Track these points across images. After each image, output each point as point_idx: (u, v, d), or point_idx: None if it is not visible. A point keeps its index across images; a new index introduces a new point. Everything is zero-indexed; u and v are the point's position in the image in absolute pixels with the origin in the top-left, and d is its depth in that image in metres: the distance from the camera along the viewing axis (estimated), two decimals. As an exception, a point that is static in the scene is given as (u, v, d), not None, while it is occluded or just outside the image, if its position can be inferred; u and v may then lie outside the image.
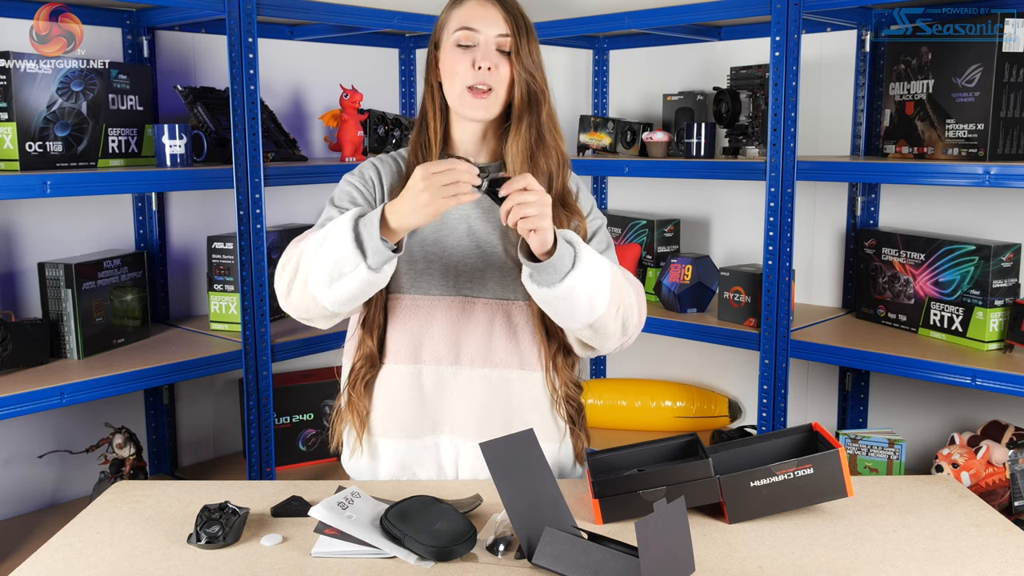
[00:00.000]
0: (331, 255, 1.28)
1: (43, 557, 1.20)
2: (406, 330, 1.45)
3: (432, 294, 1.45)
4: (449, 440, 1.46)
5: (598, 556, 1.13)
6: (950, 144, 2.09)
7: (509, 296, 1.46)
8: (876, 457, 2.24)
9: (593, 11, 2.67)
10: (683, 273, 2.56)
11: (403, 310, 1.45)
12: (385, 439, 1.47)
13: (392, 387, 1.46)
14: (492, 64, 1.41)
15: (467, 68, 1.41)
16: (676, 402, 2.81)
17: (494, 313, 1.45)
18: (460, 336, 1.45)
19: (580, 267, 1.28)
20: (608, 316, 1.35)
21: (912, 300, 2.28)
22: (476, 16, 1.42)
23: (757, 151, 2.50)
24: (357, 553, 1.19)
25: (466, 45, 1.42)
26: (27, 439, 2.27)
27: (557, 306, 1.32)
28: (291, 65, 2.72)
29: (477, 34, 1.42)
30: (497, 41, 1.42)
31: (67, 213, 2.31)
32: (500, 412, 1.45)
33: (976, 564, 1.17)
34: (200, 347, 2.26)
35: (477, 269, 1.46)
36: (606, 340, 1.39)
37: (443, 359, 1.45)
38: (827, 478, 1.28)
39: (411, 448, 1.46)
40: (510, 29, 1.42)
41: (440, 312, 1.45)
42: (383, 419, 1.47)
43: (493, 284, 1.45)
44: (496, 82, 1.42)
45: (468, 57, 1.42)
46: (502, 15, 1.42)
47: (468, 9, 1.43)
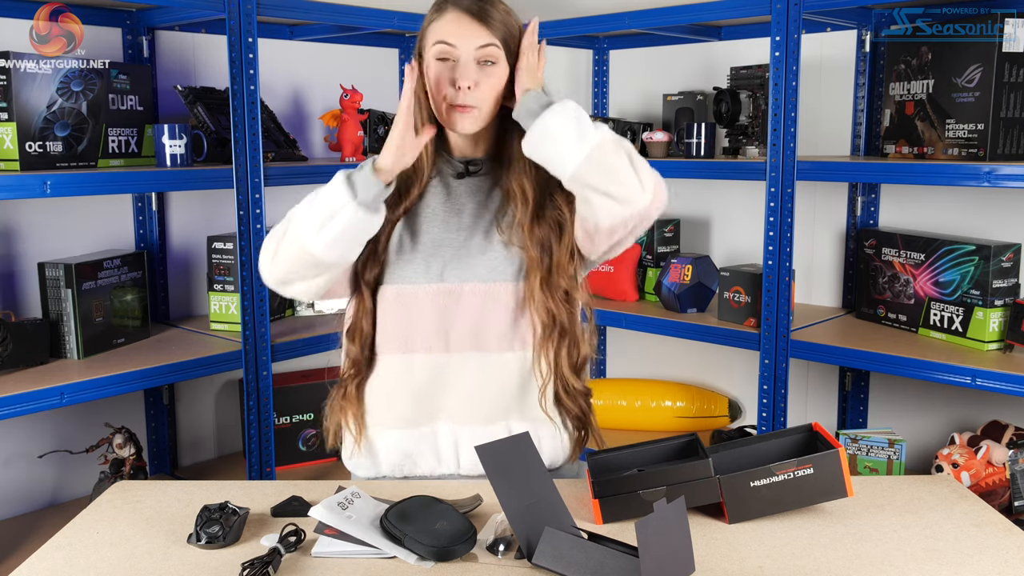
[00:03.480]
0: (322, 203, 1.33)
1: (43, 557, 1.20)
2: (395, 321, 1.44)
3: (418, 282, 1.43)
4: (447, 427, 1.45)
5: (598, 556, 1.13)
6: (950, 144, 2.08)
7: (496, 278, 1.43)
8: (876, 457, 2.24)
9: (593, 11, 2.67)
10: (683, 273, 2.56)
11: (390, 301, 1.44)
12: (383, 430, 1.47)
13: (385, 378, 1.46)
14: (472, 82, 1.36)
15: (447, 86, 1.38)
16: (676, 402, 2.81)
17: (482, 297, 1.43)
18: (449, 322, 1.43)
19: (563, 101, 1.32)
20: (607, 145, 1.28)
21: (912, 300, 2.28)
22: (453, 31, 1.37)
23: (757, 151, 2.50)
24: (357, 553, 1.19)
25: (445, 59, 1.38)
26: (27, 439, 2.28)
27: (545, 146, 1.30)
28: (291, 65, 2.72)
29: (455, 49, 1.37)
30: (478, 54, 1.37)
31: (67, 213, 2.31)
32: (495, 395, 1.45)
33: (976, 564, 1.17)
34: (200, 347, 2.26)
35: (462, 254, 1.44)
36: (620, 181, 1.29)
37: (434, 347, 1.44)
38: (827, 478, 1.28)
39: (409, 437, 1.46)
40: (494, 38, 1.37)
41: (427, 300, 1.43)
42: (379, 411, 1.47)
43: (479, 268, 1.43)
44: (479, 99, 1.38)
45: (448, 74, 1.38)
46: (482, 27, 1.37)
47: (446, 23, 1.38)
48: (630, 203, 1.31)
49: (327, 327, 2.43)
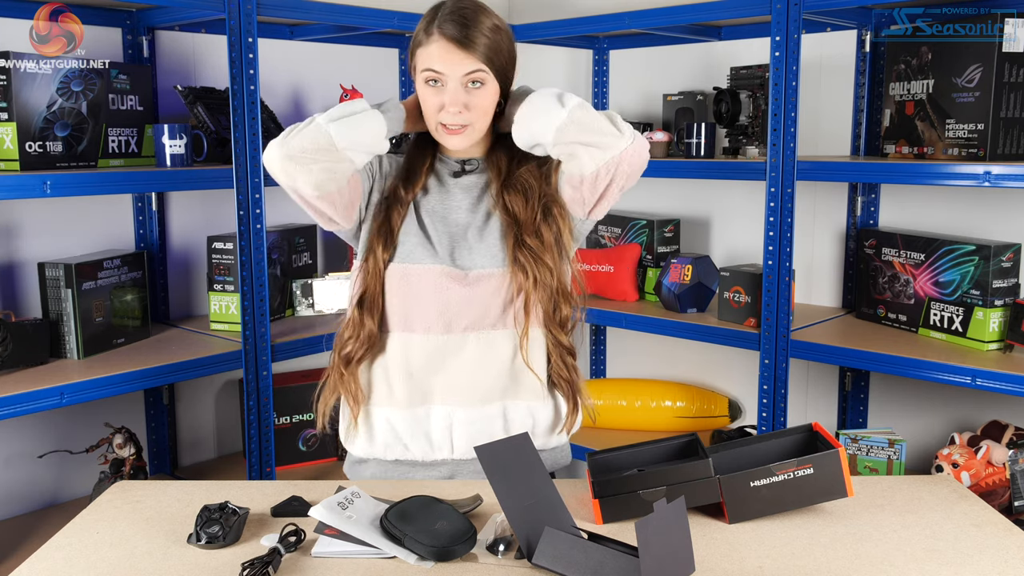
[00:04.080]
0: (345, 105, 1.41)
1: (43, 557, 1.20)
2: (398, 299, 1.46)
3: (424, 263, 1.46)
4: (442, 410, 1.47)
5: (598, 556, 1.13)
6: (950, 144, 2.08)
7: (496, 264, 1.46)
8: (876, 457, 2.24)
9: (593, 11, 2.67)
10: (683, 273, 2.56)
11: (393, 279, 1.47)
12: (377, 408, 1.49)
13: (384, 357, 1.48)
14: (461, 106, 1.40)
15: (438, 108, 1.42)
16: (676, 402, 2.81)
17: (484, 281, 1.46)
18: (451, 305, 1.45)
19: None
20: (585, 105, 1.42)
21: (912, 300, 2.28)
22: (439, 59, 1.40)
23: (757, 151, 2.50)
24: (357, 553, 1.19)
25: (435, 83, 1.42)
26: (27, 439, 2.27)
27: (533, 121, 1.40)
28: (291, 65, 2.72)
29: (443, 75, 1.40)
30: (465, 79, 1.40)
31: (67, 213, 2.31)
32: (492, 376, 1.46)
33: (976, 564, 1.17)
34: (200, 347, 2.26)
35: (464, 244, 1.48)
36: (600, 131, 1.41)
37: (433, 327, 1.45)
38: (827, 478, 1.28)
39: (403, 418, 1.48)
40: (480, 63, 1.40)
41: (431, 281, 1.45)
42: (375, 389, 1.49)
43: (480, 256, 1.47)
44: (470, 118, 1.42)
45: (438, 99, 1.42)
46: (468, 55, 1.39)
47: (433, 51, 1.40)
48: (610, 147, 1.41)
49: (327, 327, 2.43)
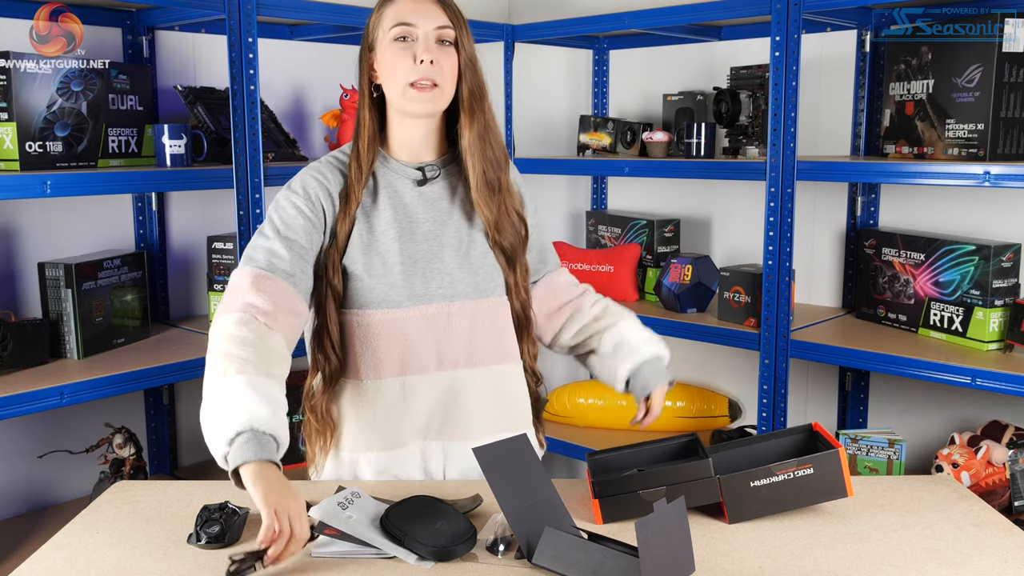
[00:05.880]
0: (214, 408, 1.25)
1: (43, 557, 1.20)
2: (386, 346, 1.41)
3: (404, 306, 1.41)
4: (437, 445, 1.45)
5: (598, 556, 1.13)
6: (950, 144, 2.08)
7: (484, 294, 1.45)
8: (876, 457, 2.24)
9: (593, 11, 2.67)
10: (683, 273, 2.56)
11: (378, 326, 1.41)
12: (367, 453, 1.45)
13: (379, 401, 1.43)
14: (434, 57, 1.38)
15: (409, 64, 1.38)
16: (676, 402, 2.80)
17: (473, 313, 1.44)
18: (441, 342, 1.43)
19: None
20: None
21: (912, 300, 2.28)
22: (412, 11, 1.40)
23: (757, 151, 2.50)
24: (357, 553, 1.19)
25: (404, 38, 1.39)
26: (27, 439, 2.27)
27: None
28: (291, 65, 2.72)
29: (415, 28, 1.39)
30: (437, 34, 1.39)
31: (67, 213, 2.31)
32: (487, 409, 1.46)
33: (976, 564, 1.17)
34: (200, 347, 2.25)
35: (440, 268, 1.43)
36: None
37: (427, 367, 1.42)
38: (827, 478, 1.28)
39: (396, 457, 1.44)
40: (449, 20, 1.40)
41: (417, 322, 1.41)
42: (366, 433, 1.44)
43: (462, 284, 1.44)
44: (440, 76, 1.39)
45: (408, 52, 1.39)
46: (439, 7, 1.40)
47: (402, 5, 1.41)
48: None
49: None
